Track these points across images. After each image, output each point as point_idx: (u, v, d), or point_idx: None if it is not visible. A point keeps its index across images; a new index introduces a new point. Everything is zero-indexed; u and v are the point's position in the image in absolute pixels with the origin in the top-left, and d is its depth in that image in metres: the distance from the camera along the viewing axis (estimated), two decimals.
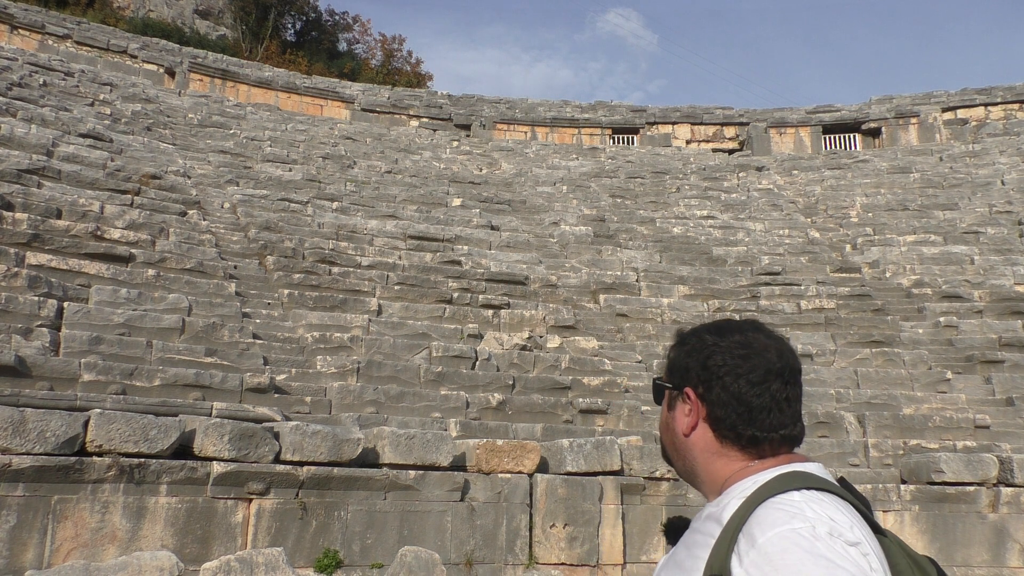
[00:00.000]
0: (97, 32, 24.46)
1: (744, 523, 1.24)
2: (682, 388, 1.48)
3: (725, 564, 1.21)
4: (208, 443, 6.35)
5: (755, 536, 1.20)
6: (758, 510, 1.24)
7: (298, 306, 11.10)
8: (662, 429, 1.57)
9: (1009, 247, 16.22)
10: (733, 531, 1.24)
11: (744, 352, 1.45)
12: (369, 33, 45.35)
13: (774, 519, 1.21)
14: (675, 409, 1.50)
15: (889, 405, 10.80)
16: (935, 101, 26.56)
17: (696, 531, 1.38)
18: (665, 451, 1.57)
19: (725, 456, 1.41)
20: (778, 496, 1.26)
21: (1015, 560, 8.27)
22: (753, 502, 1.27)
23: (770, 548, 1.17)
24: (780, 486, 1.29)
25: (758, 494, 1.28)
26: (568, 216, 18.00)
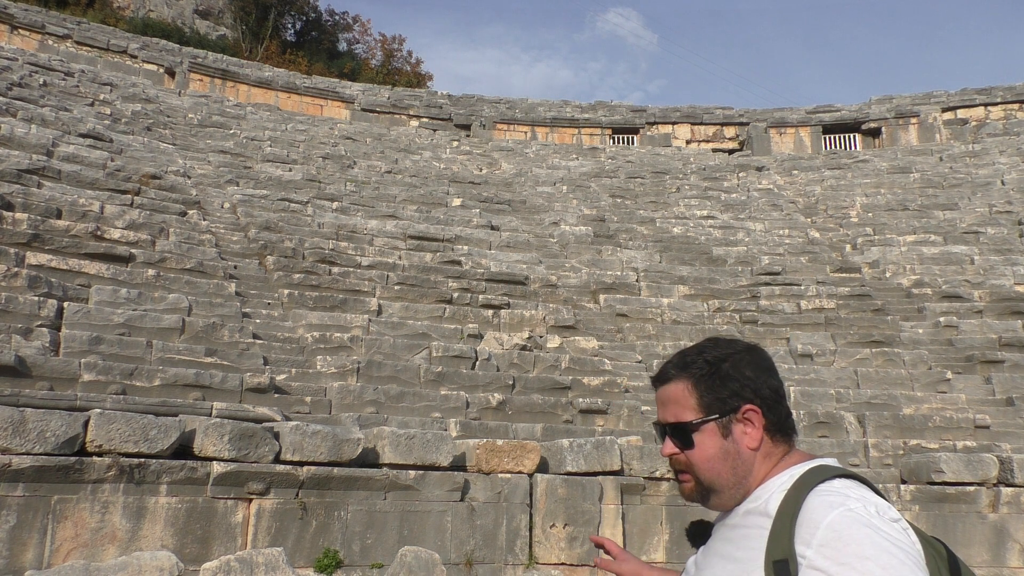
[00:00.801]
0: (97, 32, 24.46)
1: (799, 511, 1.36)
2: (738, 409, 1.52)
3: (789, 549, 1.32)
4: (208, 443, 6.35)
5: (817, 520, 1.32)
6: (809, 498, 1.37)
7: (298, 306, 11.10)
8: (713, 461, 1.52)
9: (1009, 247, 16.22)
10: (790, 519, 1.35)
11: (754, 353, 1.58)
12: (369, 33, 45.39)
13: (830, 502, 1.34)
14: (732, 433, 1.52)
15: (889, 405, 10.80)
16: (935, 101, 26.56)
17: (738, 526, 1.48)
18: (705, 488, 1.54)
19: (770, 456, 1.52)
20: (823, 484, 1.39)
21: (1015, 560, 8.27)
22: (800, 492, 1.39)
23: (837, 526, 1.30)
24: (819, 476, 1.42)
25: (803, 485, 1.41)
26: (568, 216, 18.00)
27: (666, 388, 1.60)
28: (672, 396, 1.58)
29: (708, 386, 1.54)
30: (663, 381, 1.62)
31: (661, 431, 1.60)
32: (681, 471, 1.57)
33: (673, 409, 1.57)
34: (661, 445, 1.62)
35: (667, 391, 1.60)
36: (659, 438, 1.63)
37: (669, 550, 7.73)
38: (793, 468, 1.49)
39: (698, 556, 1.60)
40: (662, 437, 1.61)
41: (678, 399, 1.57)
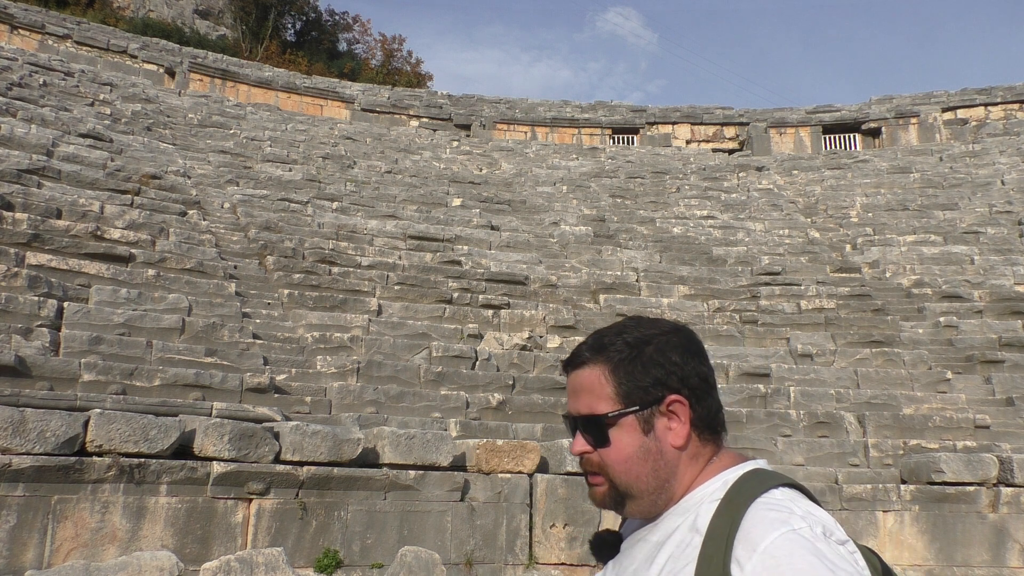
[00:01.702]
0: (97, 32, 24.46)
1: (735, 528, 1.17)
2: (662, 400, 1.30)
3: (725, 573, 1.14)
4: (208, 443, 6.35)
5: (755, 541, 1.14)
6: (748, 513, 1.18)
7: (298, 306, 11.10)
8: (631, 462, 1.30)
9: (1009, 247, 16.22)
10: (724, 539, 1.17)
11: (682, 335, 1.37)
12: (369, 33, 45.40)
13: (771, 519, 1.16)
14: (654, 429, 1.31)
15: (889, 405, 10.80)
16: (935, 101, 26.56)
17: (663, 543, 1.28)
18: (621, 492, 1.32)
19: (697, 458, 1.33)
20: (763, 496, 1.21)
21: (1015, 560, 8.27)
22: (737, 505, 1.21)
23: (777, 551, 1.11)
24: (758, 485, 1.24)
25: (738, 496, 1.23)
26: (568, 216, 18.00)
27: (579, 374, 1.36)
28: (585, 384, 1.34)
29: (628, 372, 1.31)
30: (576, 365, 1.37)
31: (572, 424, 1.36)
32: (593, 472, 1.34)
33: (586, 399, 1.33)
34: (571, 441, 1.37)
35: (580, 377, 1.35)
36: (570, 433, 1.38)
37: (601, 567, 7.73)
38: (725, 473, 1.31)
39: (607, 573, 1.39)
40: (572, 432, 1.36)
41: (592, 387, 1.33)
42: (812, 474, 8.99)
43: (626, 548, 1.38)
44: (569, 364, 1.39)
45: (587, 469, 1.35)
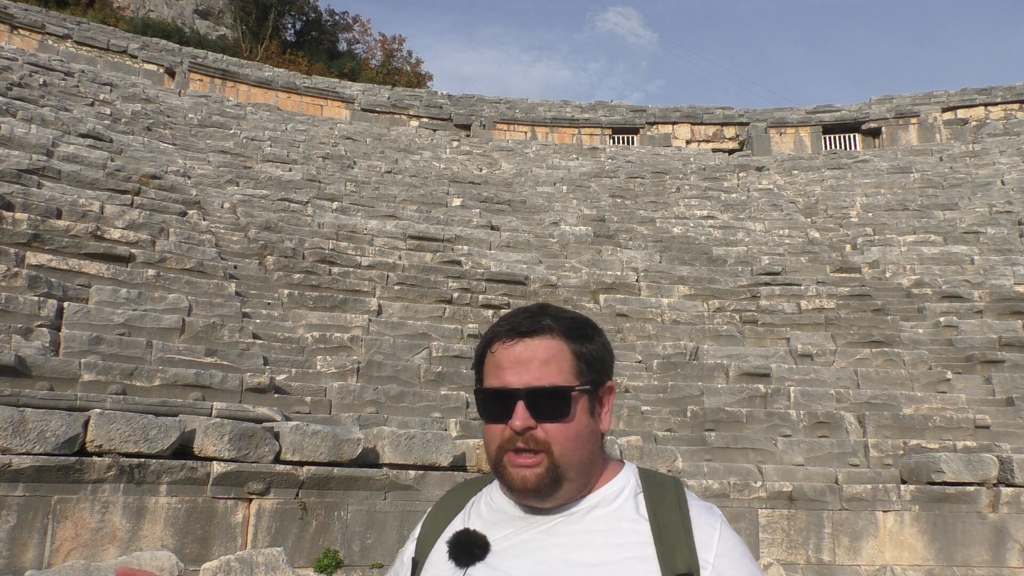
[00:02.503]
0: (97, 32, 24.46)
1: (687, 518, 1.28)
2: (604, 384, 1.34)
3: (693, 560, 1.23)
4: (208, 443, 6.35)
5: (711, 529, 1.28)
6: (691, 506, 1.30)
7: (298, 306, 11.10)
8: (581, 440, 1.29)
9: (1009, 247, 16.22)
10: (684, 529, 1.26)
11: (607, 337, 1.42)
12: (369, 33, 45.42)
13: (708, 510, 1.31)
14: (595, 412, 1.32)
15: (889, 405, 10.80)
16: (935, 101, 26.56)
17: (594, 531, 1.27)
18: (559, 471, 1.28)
19: (603, 449, 1.37)
20: (684, 489, 1.34)
21: (1015, 560, 8.27)
22: (674, 496, 1.31)
23: (729, 537, 1.28)
24: (669, 479, 1.36)
25: (667, 488, 1.33)
26: (568, 216, 18.00)
27: (535, 343, 1.30)
28: (545, 353, 1.29)
29: (587, 351, 1.32)
30: (531, 333, 1.30)
31: (505, 397, 1.28)
32: (529, 450, 1.27)
33: (545, 370, 1.28)
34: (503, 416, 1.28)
35: (537, 346, 1.30)
36: (493, 407, 1.30)
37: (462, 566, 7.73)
38: (628, 467, 1.37)
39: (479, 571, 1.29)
40: (503, 404, 1.28)
41: (554, 358, 1.29)
42: (812, 474, 8.99)
43: (506, 547, 1.30)
44: (520, 332, 1.31)
45: (522, 447, 1.27)
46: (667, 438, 9.59)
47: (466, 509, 1.42)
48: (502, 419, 1.28)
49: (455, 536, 1.34)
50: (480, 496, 1.44)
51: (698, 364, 11.74)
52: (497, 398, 1.30)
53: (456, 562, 1.31)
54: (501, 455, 1.30)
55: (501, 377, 1.30)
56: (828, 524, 8.26)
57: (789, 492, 8.30)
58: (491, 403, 1.31)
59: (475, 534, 1.32)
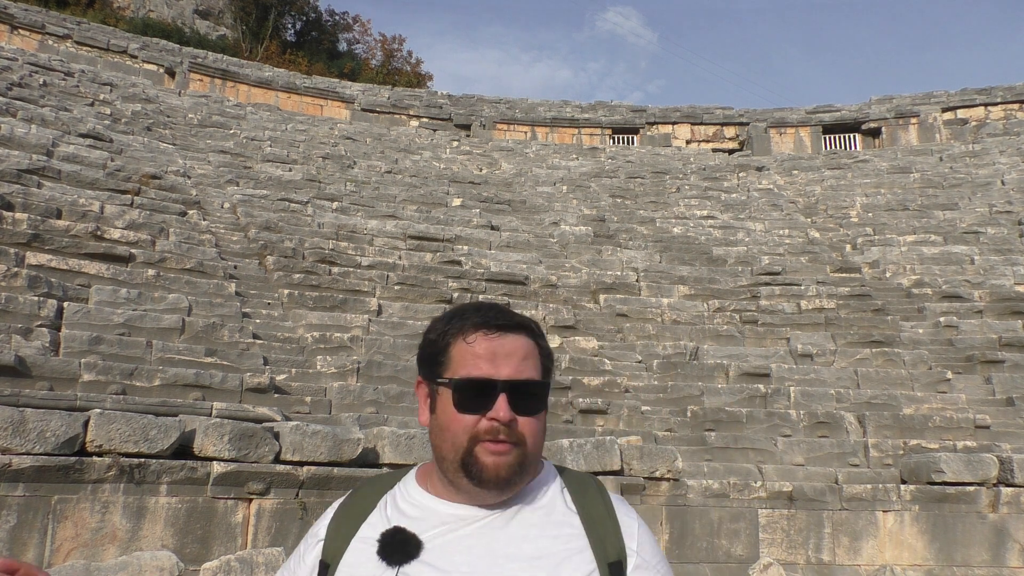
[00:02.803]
0: (97, 32, 24.46)
1: (611, 509, 1.37)
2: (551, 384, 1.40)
3: (621, 550, 1.32)
4: (208, 443, 6.35)
5: (631, 520, 1.37)
6: (612, 499, 1.39)
7: (298, 306, 11.10)
8: (542, 435, 1.35)
9: (1009, 247, 16.22)
10: (612, 521, 1.35)
11: None
12: (369, 33, 45.43)
13: (624, 501, 1.41)
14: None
15: (889, 405, 10.80)
16: (935, 101, 26.56)
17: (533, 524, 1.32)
18: (526, 464, 1.32)
19: None
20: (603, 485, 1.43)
21: (1015, 560, 8.27)
22: (595, 489, 1.40)
23: (647, 533, 1.39)
24: (582, 472, 1.46)
25: (586, 482, 1.42)
26: (568, 216, 18.00)
27: (517, 339, 1.34)
28: (524, 349, 1.34)
29: (547, 350, 1.38)
30: (512, 329, 1.35)
31: (488, 388, 1.30)
32: (505, 442, 1.30)
33: (524, 365, 1.32)
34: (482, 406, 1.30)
35: (517, 342, 1.34)
36: (471, 397, 1.31)
37: (669, 550, 7.73)
38: (548, 466, 1.42)
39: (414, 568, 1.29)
40: (483, 395, 1.30)
41: (529, 355, 1.34)
42: (812, 474, 8.99)
43: (442, 544, 1.31)
44: (504, 326, 1.34)
45: (501, 438, 1.30)
46: (667, 438, 9.60)
47: (381, 508, 1.40)
48: (480, 410, 1.30)
49: (386, 534, 1.32)
50: (393, 495, 1.42)
51: (698, 364, 11.74)
52: (478, 389, 1.30)
53: (388, 561, 1.29)
54: (473, 445, 1.30)
55: (481, 368, 1.31)
56: (828, 524, 8.26)
57: (789, 492, 8.30)
58: (470, 393, 1.31)
59: (407, 532, 1.32)
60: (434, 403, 1.39)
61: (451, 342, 1.37)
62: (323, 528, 1.42)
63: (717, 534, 8.02)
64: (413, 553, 1.30)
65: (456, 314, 1.40)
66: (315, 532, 1.44)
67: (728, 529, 8.05)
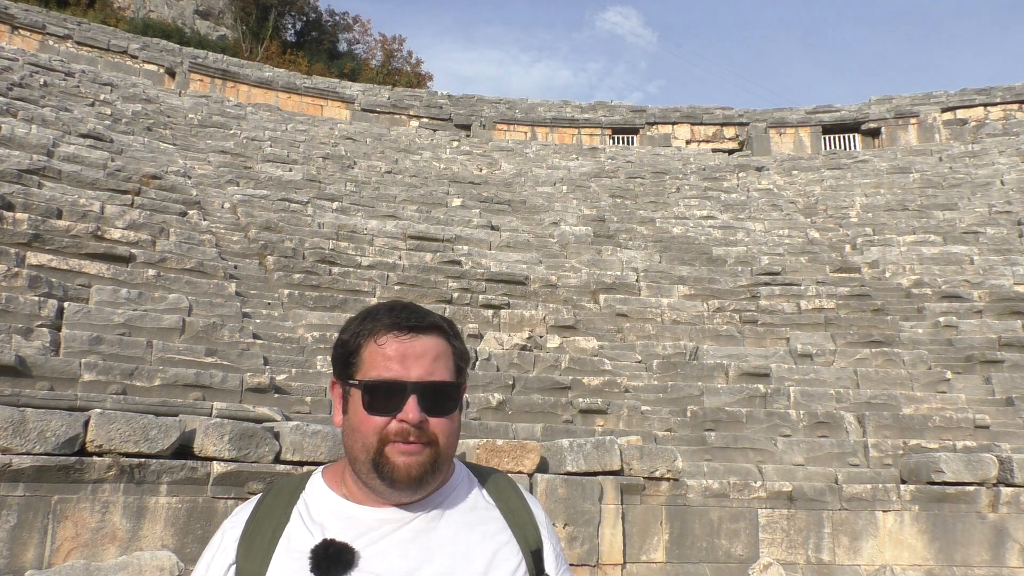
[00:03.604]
0: (97, 32, 24.47)
1: (525, 501, 1.45)
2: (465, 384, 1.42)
3: (538, 538, 1.41)
4: (208, 443, 6.36)
5: (541, 509, 1.47)
6: (523, 492, 1.48)
7: (298, 306, 11.10)
8: (455, 435, 1.36)
9: (1009, 247, 16.22)
10: (527, 512, 1.43)
11: None
12: (369, 33, 45.42)
13: (531, 495, 1.50)
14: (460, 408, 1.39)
15: (889, 405, 10.81)
16: (934, 101, 26.56)
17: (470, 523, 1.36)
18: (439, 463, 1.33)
19: None
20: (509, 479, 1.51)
21: (1015, 560, 8.28)
22: (507, 482, 1.47)
23: (548, 519, 1.48)
24: (495, 470, 1.52)
25: (497, 477, 1.48)
26: (568, 216, 18.00)
27: (428, 340, 1.33)
28: (436, 350, 1.33)
29: (461, 350, 1.38)
30: (422, 330, 1.33)
31: (397, 389, 1.29)
32: (415, 442, 1.29)
33: (436, 366, 1.32)
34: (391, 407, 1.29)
35: (429, 343, 1.33)
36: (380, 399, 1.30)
37: (669, 550, 7.74)
38: (457, 463, 1.46)
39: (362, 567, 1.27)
40: (393, 396, 1.29)
41: (441, 356, 1.34)
42: (812, 474, 9.00)
43: (377, 551, 1.29)
44: (415, 327, 1.33)
45: (413, 439, 1.29)
46: (667, 438, 9.60)
47: (296, 519, 1.34)
48: (390, 411, 1.29)
49: (318, 549, 1.27)
50: (305, 504, 1.37)
51: (698, 364, 11.74)
52: (388, 390, 1.30)
53: (323, 572, 1.25)
54: (383, 446, 1.29)
55: (391, 369, 1.30)
56: (828, 524, 8.27)
57: (789, 492, 8.31)
58: (379, 395, 1.30)
59: (339, 543, 1.28)
60: (346, 404, 1.36)
61: (362, 343, 1.34)
62: (231, 550, 1.33)
63: (717, 534, 8.02)
64: (350, 562, 1.26)
65: (369, 315, 1.37)
66: (221, 557, 1.34)
67: (728, 529, 8.06)
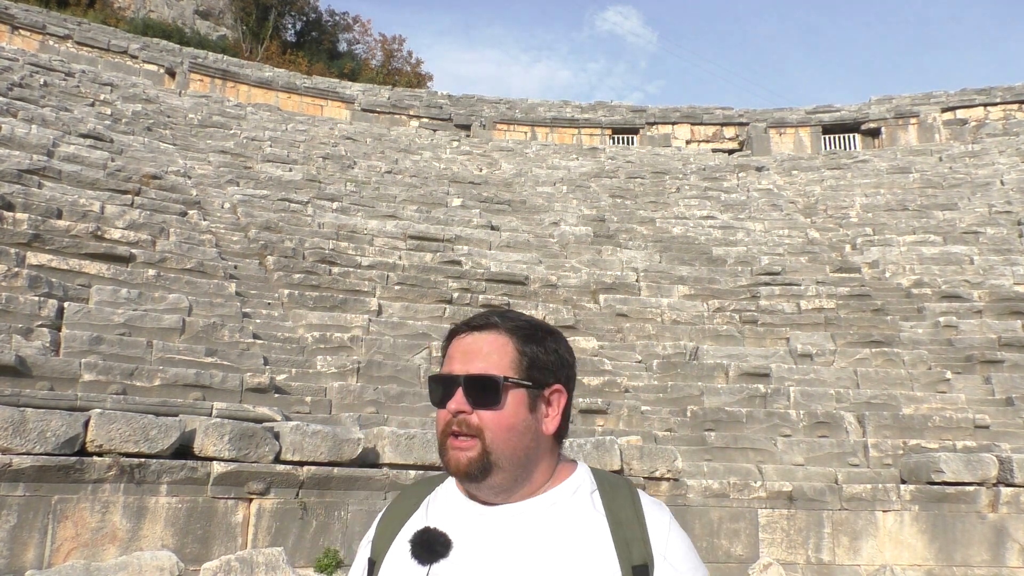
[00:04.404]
0: (98, 32, 24.47)
1: (641, 513, 1.37)
2: (549, 386, 1.40)
3: (648, 554, 1.33)
4: (208, 443, 6.36)
5: (663, 526, 1.37)
6: (643, 502, 1.39)
7: (298, 306, 11.10)
8: (513, 432, 1.35)
9: (1009, 247, 16.23)
10: (639, 525, 1.35)
11: (566, 341, 1.50)
12: (369, 33, 45.43)
13: (659, 506, 1.41)
14: (536, 410, 1.38)
15: (889, 405, 10.81)
16: (934, 101, 26.56)
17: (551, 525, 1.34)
18: (490, 458, 1.34)
19: (553, 452, 1.43)
20: (639, 490, 1.43)
21: (1015, 560, 8.28)
22: (626, 493, 1.40)
23: (679, 534, 1.38)
24: (621, 479, 1.45)
25: (619, 487, 1.41)
26: (568, 216, 18.00)
27: (482, 336, 1.40)
28: (487, 347, 1.38)
29: (533, 350, 1.39)
30: (480, 328, 1.41)
31: (447, 383, 1.37)
32: (462, 434, 1.34)
33: (484, 361, 1.37)
34: (446, 401, 1.37)
35: (482, 340, 1.39)
36: (438, 392, 1.39)
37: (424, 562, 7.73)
38: (581, 469, 1.44)
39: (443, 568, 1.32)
40: (446, 389, 1.37)
41: (495, 351, 1.38)
42: (812, 474, 9.00)
43: (469, 544, 1.34)
44: (471, 326, 1.42)
45: (456, 431, 1.35)
46: (667, 438, 9.60)
47: (423, 507, 1.45)
48: (442, 404, 1.38)
49: (417, 534, 1.36)
50: (436, 493, 1.47)
51: (698, 364, 11.74)
52: (442, 384, 1.39)
53: (419, 560, 1.33)
54: (444, 439, 1.37)
55: (449, 365, 1.40)
56: (828, 524, 8.27)
57: (789, 492, 8.31)
58: (436, 388, 1.40)
59: (437, 531, 1.35)
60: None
61: (445, 346, 1.46)
62: (375, 526, 1.49)
63: (717, 534, 8.03)
64: (442, 552, 1.33)
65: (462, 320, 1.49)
66: (370, 530, 1.51)
67: (728, 529, 8.06)
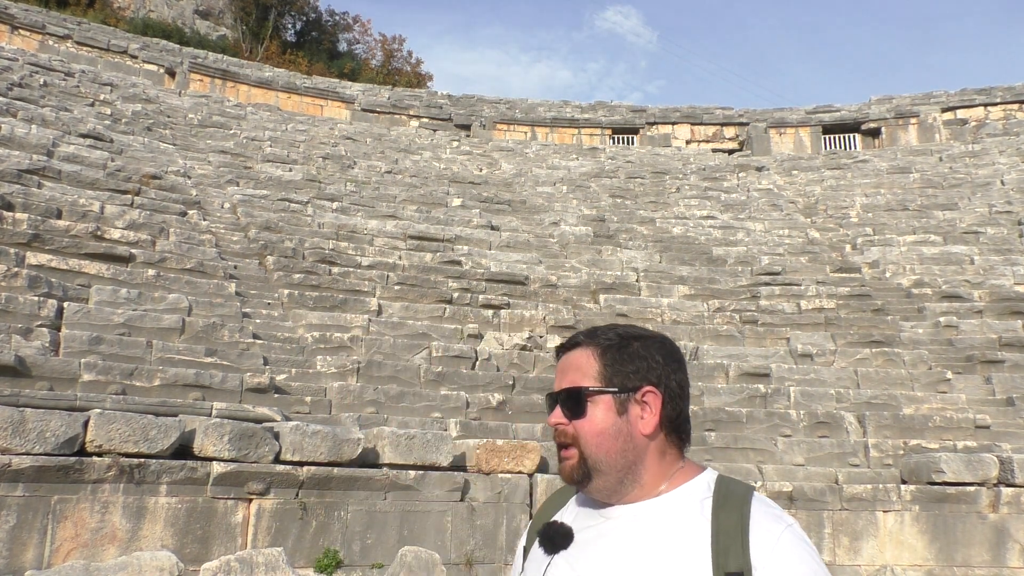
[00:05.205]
0: (97, 32, 24.46)
1: (747, 522, 1.35)
2: (638, 389, 1.44)
3: (745, 561, 1.31)
4: (208, 443, 6.35)
5: (771, 536, 1.34)
6: (754, 512, 1.36)
7: (298, 306, 11.09)
8: (603, 436, 1.43)
9: (1009, 247, 16.22)
10: (740, 531, 1.34)
11: (668, 343, 1.53)
12: (369, 33, 45.42)
13: (774, 516, 1.37)
14: (627, 413, 1.44)
15: (889, 405, 10.80)
16: (935, 101, 26.56)
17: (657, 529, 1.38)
18: (589, 464, 1.43)
19: (665, 455, 1.46)
20: (754, 495, 1.41)
21: (1015, 560, 8.27)
22: (736, 502, 1.38)
23: (790, 545, 1.33)
24: (743, 487, 1.43)
25: (732, 495, 1.40)
26: (568, 216, 18.00)
27: (570, 355, 1.51)
28: (574, 363, 1.49)
29: (613, 358, 1.46)
30: (568, 348, 1.53)
31: (552, 400, 1.50)
32: (565, 445, 1.46)
33: (571, 376, 1.48)
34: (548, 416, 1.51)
35: (570, 358, 1.51)
36: (548, 409, 1.51)
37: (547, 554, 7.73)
38: (703, 475, 1.46)
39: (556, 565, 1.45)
40: (550, 407, 1.50)
41: (579, 366, 1.48)
42: (812, 474, 8.99)
43: (584, 539, 1.45)
44: (562, 348, 1.54)
45: (561, 442, 1.47)
46: None
47: (570, 503, 1.57)
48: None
49: (544, 527, 1.50)
50: (579, 496, 1.57)
51: (698, 364, 11.74)
52: (547, 402, 1.53)
53: (545, 550, 1.48)
54: (558, 451, 1.50)
55: (555, 384, 1.54)
56: (828, 524, 8.26)
57: (789, 492, 8.30)
58: (547, 406, 1.53)
59: (561, 526, 1.49)
60: None
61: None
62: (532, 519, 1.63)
63: None
64: (562, 545, 1.46)
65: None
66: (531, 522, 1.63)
67: None
